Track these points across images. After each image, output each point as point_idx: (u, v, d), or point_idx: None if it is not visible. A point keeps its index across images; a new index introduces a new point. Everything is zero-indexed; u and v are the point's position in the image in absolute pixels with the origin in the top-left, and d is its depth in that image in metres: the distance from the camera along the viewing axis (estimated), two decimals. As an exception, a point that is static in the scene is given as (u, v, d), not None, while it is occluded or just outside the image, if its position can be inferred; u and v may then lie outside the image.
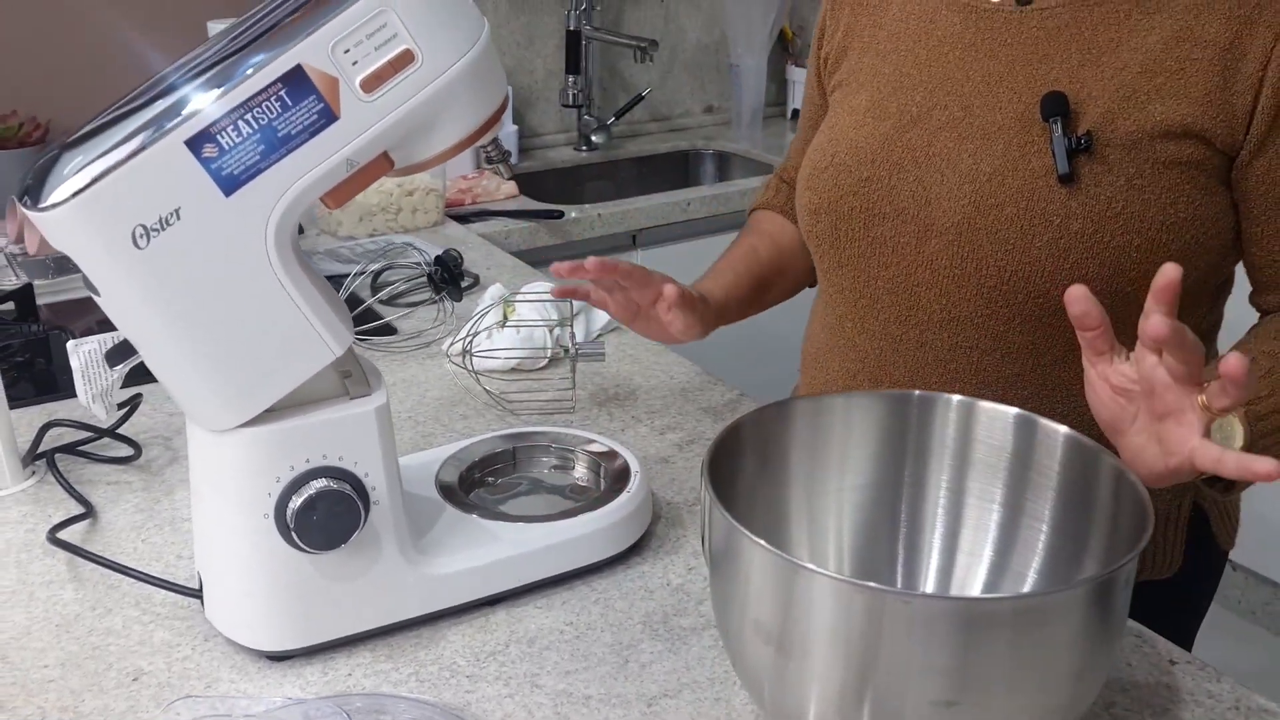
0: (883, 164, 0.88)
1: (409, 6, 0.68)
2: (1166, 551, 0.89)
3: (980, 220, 0.82)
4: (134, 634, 0.79)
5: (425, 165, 0.74)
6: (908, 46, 0.91)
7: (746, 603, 0.61)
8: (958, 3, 0.88)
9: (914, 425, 0.73)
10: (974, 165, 0.83)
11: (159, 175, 0.64)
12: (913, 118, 0.88)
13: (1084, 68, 0.81)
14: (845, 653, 0.57)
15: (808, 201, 0.95)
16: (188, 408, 0.73)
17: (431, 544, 0.81)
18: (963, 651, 0.55)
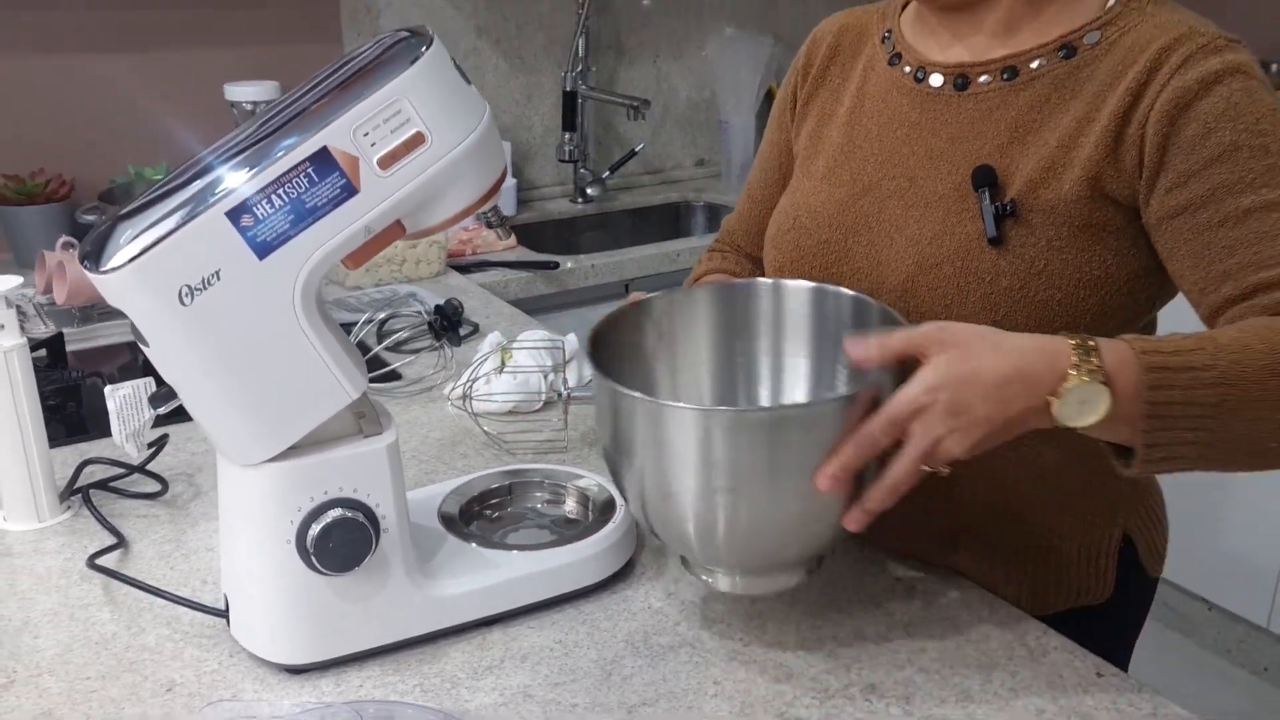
0: (838, 228, 0.98)
1: (421, 95, 0.78)
2: (1098, 578, 0.98)
3: (922, 279, 0.92)
4: (166, 650, 0.87)
5: (433, 230, 0.84)
6: (862, 121, 1.01)
7: (605, 423, 0.83)
8: (905, 86, 0.98)
9: (739, 309, 0.95)
10: (917, 230, 0.93)
11: (202, 242, 0.74)
12: (865, 186, 0.98)
13: (1012, 144, 0.91)
14: (655, 453, 0.78)
15: (773, 259, 1.05)
16: (220, 444, 0.82)
17: (435, 569, 0.90)
18: (733, 450, 0.75)
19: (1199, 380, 0.74)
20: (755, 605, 0.93)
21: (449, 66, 0.81)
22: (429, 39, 0.80)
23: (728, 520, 0.78)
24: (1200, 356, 0.75)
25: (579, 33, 2.28)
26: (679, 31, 2.48)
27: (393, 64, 0.78)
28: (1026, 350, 0.75)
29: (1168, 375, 0.74)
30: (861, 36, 1.05)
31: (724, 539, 0.79)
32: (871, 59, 1.03)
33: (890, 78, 1.00)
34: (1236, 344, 0.76)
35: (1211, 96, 0.83)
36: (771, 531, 0.79)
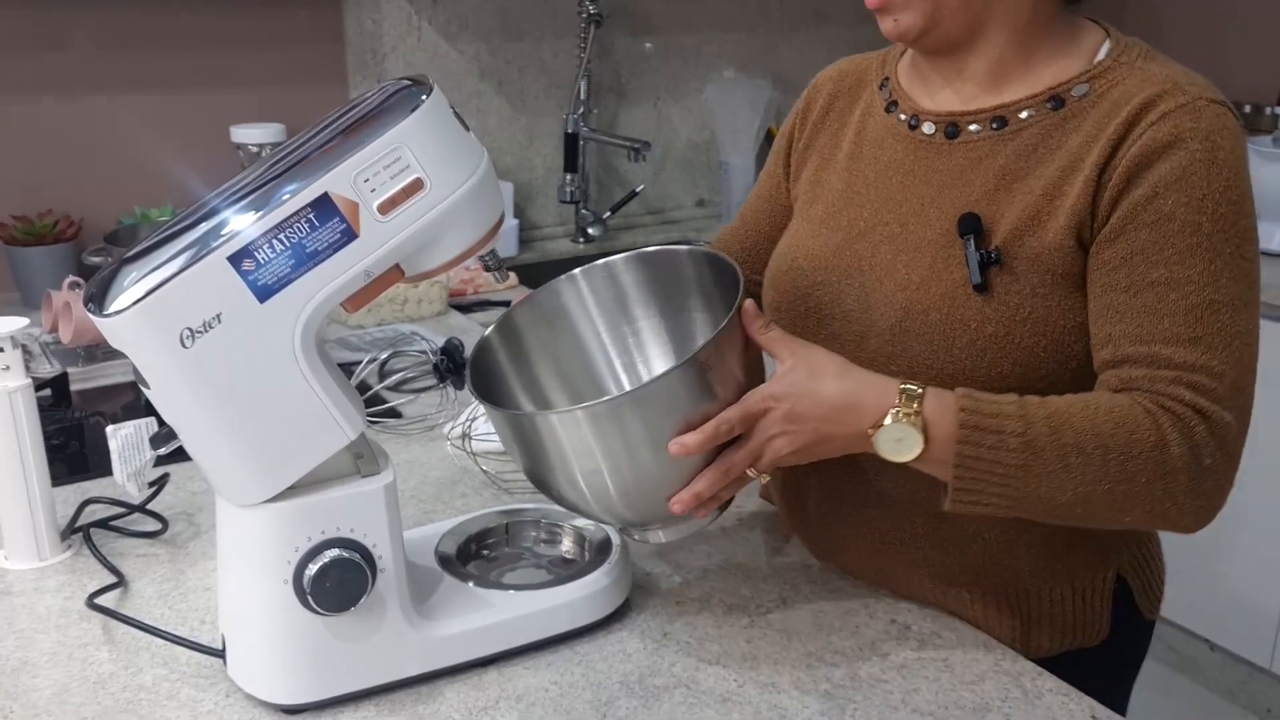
0: (833, 270, 1.00)
1: (420, 142, 0.80)
2: (1093, 620, 0.98)
3: (910, 324, 0.93)
4: (163, 690, 0.88)
5: (431, 274, 0.85)
6: (859, 167, 1.02)
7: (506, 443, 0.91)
8: (900, 133, 1.00)
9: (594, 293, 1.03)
10: (907, 275, 0.95)
11: (205, 286, 0.75)
12: (860, 231, 0.99)
13: (998, 191, 0.92)
14: (530, 451, 0.88)
15: (771, 299, 1.06)
16: (218, 484, 0.83)
17: (431, 609, 0.90)
18: (592, 438, 0.84)
19: (1004, 444, 0.82)
20: (750, 645, 0.94)
21: (448, 114, 0.82)
22: (429, 88, 0.82)
23: (619, 491, 0.87)
24: (1013, 422, 0.82)
25: (580, 76, 2.31)
26: (679, 74, 2.52)
27: (393, 112, 0.80)
28: (863, 384, 0.86)
29: (977, 434, 0.82)
30: (860, 82, 1.07)
31: (623, 507, 0.89)
32: (870, 105, 1.04)
33: (886, 124, 1.02)
34: (1060, 415, 0.83)
35: (1169, 160, 0.84)
36: (657, 492, 0.88)
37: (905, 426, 0.83)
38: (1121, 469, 0.82)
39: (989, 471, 0.83)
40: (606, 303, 1.03)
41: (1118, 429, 0.82)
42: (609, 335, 1.04)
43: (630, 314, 1.04)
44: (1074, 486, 0.82)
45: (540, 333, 1.02)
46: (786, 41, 2.61)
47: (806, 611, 0.99)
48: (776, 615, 0.98)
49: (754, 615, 0.98)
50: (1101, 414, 0.83)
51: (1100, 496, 0.83)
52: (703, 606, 0.99)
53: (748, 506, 1.18)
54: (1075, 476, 0.82)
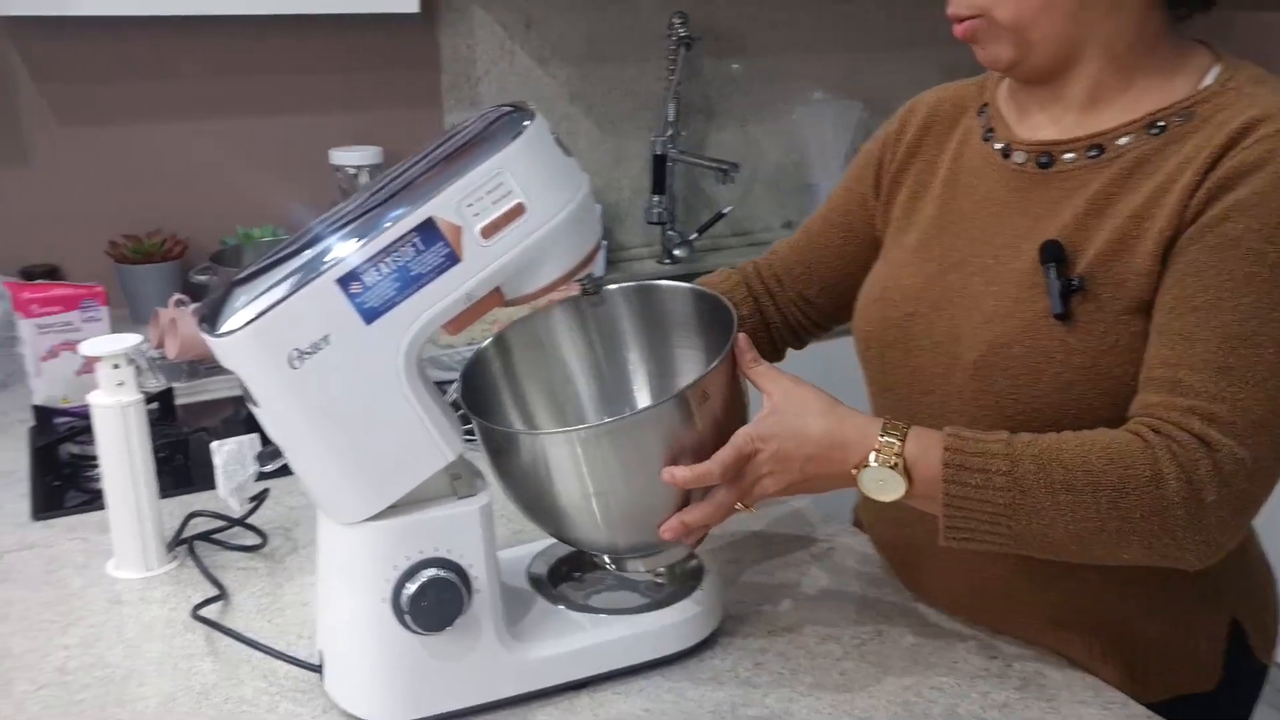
0: (924, 302, 0.98)
1: (522, 168, 0.81)
2: (1202, 665, 0.94)
3: (994, 358, 0.90)
4: (263, 703, 0.89)
5: (530, 298, 0.86)
6: (955, 196, 1.00)
7: (494, 455, 0.91)
8: (995, 162, 0.97)
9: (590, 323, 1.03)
10: (993, 307, 0.92)
11: (313, 308, 0.77)
12: (953, 262, 0.97)
13: (1089, 217, 0.89)
14: (534, 473, 0.88)
15: (859, 328, 1.05)
16: (321, 502, 0.85)
17: (524, 631, 0.91)
18: (591, 460, 0.85)
19: (990, 482, 0.82)
20: (844, 678, 0.92)
21: (549, 140, 0.83)
22: (531, 114, 0.83)
23: (602, 515, 0.88)
24: (998, 461, 0.82)
25: (670, 98, 2.32)
26: (767, 96, 2.51)
27: (496, 138, 0.81)
28: (847, 423, 0.87)
29: (962, 473, 0.83)
30: (959, 108, 1.05)
31: (606, 531, 0.90)
32: (968, 132, 1.03)
33: (982, 153, 1.00)
34: (1049, 452, 0.82)
35: (1250, 183, 0.81)
36: (642, 518, 0.89)
37: (886, 469, 0.84)
38: (1114, 506, 0.80)
39: (978, 510, 0.82)
40: (599, 330, 1.04)
41: (1110, 465, 0.80)
42: (598, 362, 1.05)
43: (620, 343, 1.04)
44: (1066, 524, 0.81)
45: (531, 354, 1.04)
46: (876, 64, 2.59)
47: (902, 644, 0.97)
48: (871, 647, 0.96)
49: (847, 646, 0.97)
50: (1095, 450, 0.81)
51: (1094, 534, 0.81)
52: (795, 636, 0.98)
53: (840, 537, 1.16)
54: (1066, 514, 0.81)
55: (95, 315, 1.50)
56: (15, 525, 1.20)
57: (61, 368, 1.49)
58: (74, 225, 1.94)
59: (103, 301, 1.50)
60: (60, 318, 1.47)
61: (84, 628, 1.00)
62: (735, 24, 2.43)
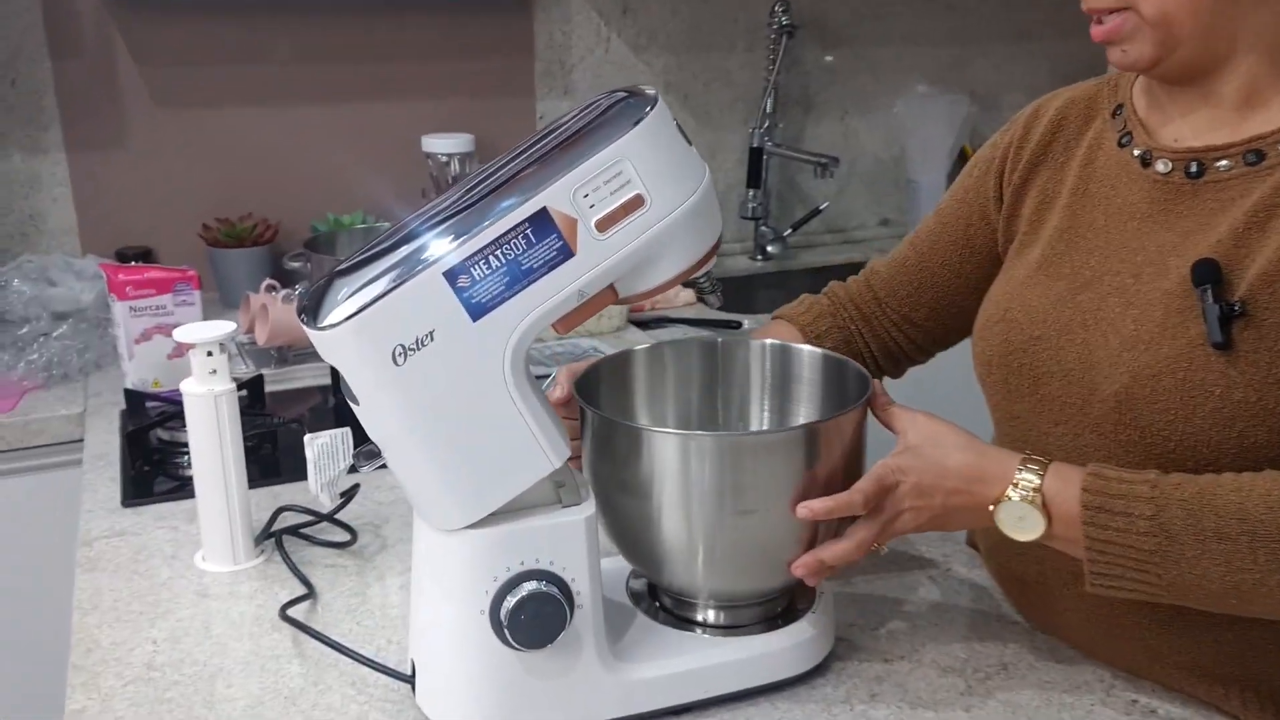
0: (1052, 324, 0.89)
1: (643, 156, 0.75)
2: None
3: (1139, 390, 0.82)
4: (351, 712, 0.86)
5: (646, 296, 0.80)
6: (1087, 208, 0.91)
7: (613, 469, 0.85)
8: (1133, 171, 0.89)
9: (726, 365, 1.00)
10: (1134, 331, 0.84)
11: (419, 302, 0.72)
12: (1085, 281, 0.89)
13: (1249, 232, 0.80)
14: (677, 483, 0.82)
15: (980, 351, 0.97)
16: (420, 507, 0.80)
17: (625, 650, 0.85)
18: (745, 473, 0.81)
19: (1134, 526, 0.76)
20: (970, 716, 0.85)
21: (672, 127, 0.78)
22: (653, 99, 0.77)
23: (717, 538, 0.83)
24: (1142, 505, 0.76)
25: (768, 89, 2.25)
26: (869, 88, 2.42)
27: (615, 124, 0.76)
28: (986, 456, 0.82)
29: (1103, 515, 0.77)
30: (1090, 111, 0.96)
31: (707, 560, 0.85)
32: (1100, 136, 0.94)
33: (1119, 160, 0.91)
34: (1202, 497, 0.75)
35: None
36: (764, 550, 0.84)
37: (1026, 505, 0.79)
38: (1275, 559, 0.72)
39: (1123, 556, 0.77)
40: (725, 372, 1.00)
41: (1271, 513, 0.73)
42: (717, 403, 1.01)
43: (744, 392, 1.00)
44: (1220, 575, 0.75)
45: (653, 376, 1.00)
46: (984, 56, 2.48)
47: (1031, 682, 0.89)
48: (997, 683, 0.89)
49: (971, 681, 0.89)
50: (1254, 497, 0.74)
51: (1253, 588, 0.74)
52: (914, 666, 0.91)
53: (956, 557, 1.09)
54: (1220, 565, 0.75)
55: (188, 299, 1.48)
56: (106, 511, 1.18)
57: (154, 351, 1.48)
58: (168, 207, 1.95)
59: (196, 285, 1.49)
60: (153, 300, 1.46)
61: (171, 621, 0.98)
62: (838, 13, 2.35)
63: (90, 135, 1.87)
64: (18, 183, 1.85)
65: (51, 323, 1.65)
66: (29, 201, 1.87)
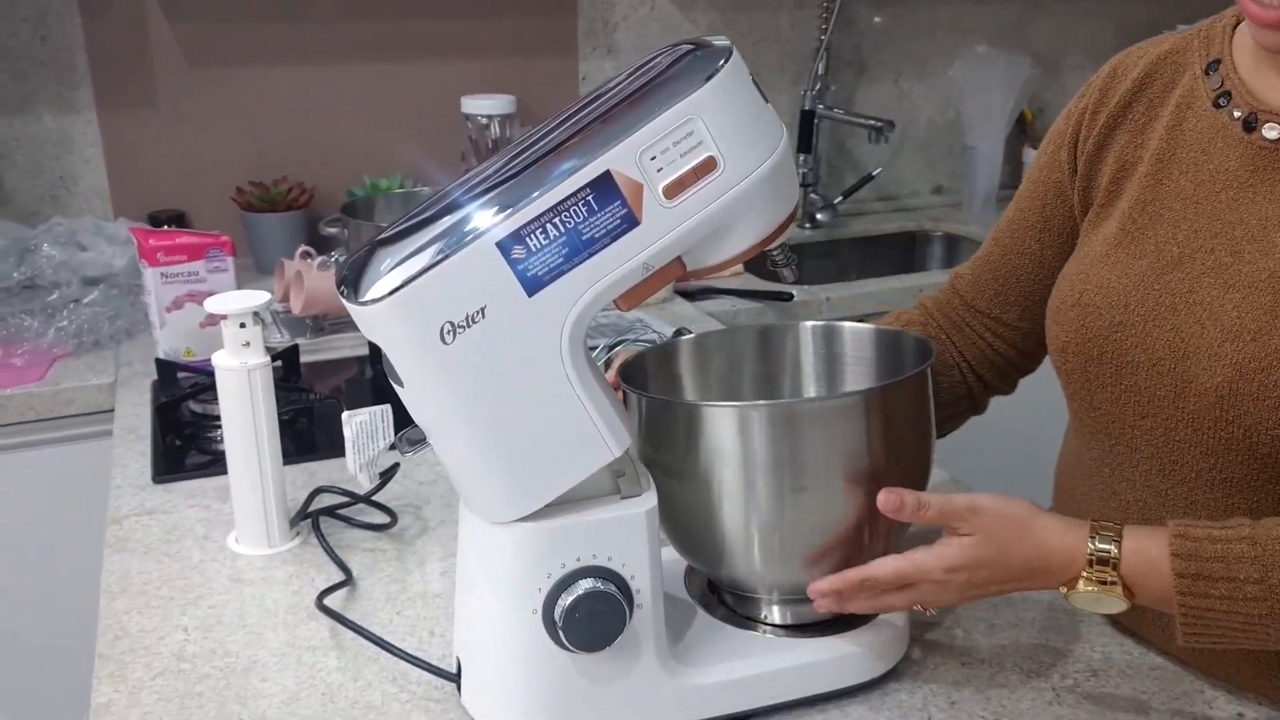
0: (1137, 309, 0.82)
1: (716, 115, 0.68)
2: None
3: (1244, 385, 0.75)
4: (393, 711, 0.80)
5: (716, 269, 0.73)
6: (1173, 175, 0.83)
7: (663, 454, 0.79)
8: (1232, 135, 0.80)
9: (773, 350, 0.95)
10: (1238, 319, 0.76)
11: (469, 275, 0.66)
12: (1173, 259, 0.81)
13: None
14: (733, 460, 0.76)
15: (1055, 336, 0.89)
16: (469, 497, 0.74)
17: (685, 652, 0.79)
18: (804, 445, 0.76)
19: (1239, 592, 0.70)
20: (1059, 729, 0.78)
21: (748, 82, 0.70)
22: (727, 50, 0.70)
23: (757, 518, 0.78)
24: (1246, 568, 0.69)
25: (821, 51, 2.16)
26: (925, 49, 2.32)
27: (685, 79, 0.69)
28: (1049, 547, 0.74)
29: (1202, 583, 0.71)
30: (1178, 67, 0.87)
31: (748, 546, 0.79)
32: (1190, 95, 0.85)
33: (1214, 122, 0.82)
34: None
35: None
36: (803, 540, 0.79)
37: (1100, 594, 0.73)
38: None
39: (1225, 620, 0.71)
40: (780, 359, 0.95)
41: None
42: (763, 387, 0.95)
43: (799, 379, 0.95)
44: None
45: (706, 364, 0.95)
46: (1047, 15, 2.37)
47: (1125, 691, 0.82)
48: (1087, 690, 0.82)
49: (1059, 688, 0.83)
50: None
51: None
52: (995, 671, 0.84)
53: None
54: None
55: (221, 265, 1.43)
56: (136, 488, 1.14)
57: (186, 319, 1.43)
58: (201, 170, 1.89)
59: (229, 251, 1.44)
60: (185, 267, 1.41)
61: (203, 608, 0.93)
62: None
63: (122, 95, 1.82)
64: (49, 143, 1.80)
65: (82, 288, 1.60)
66: (60, 163, 1.82)
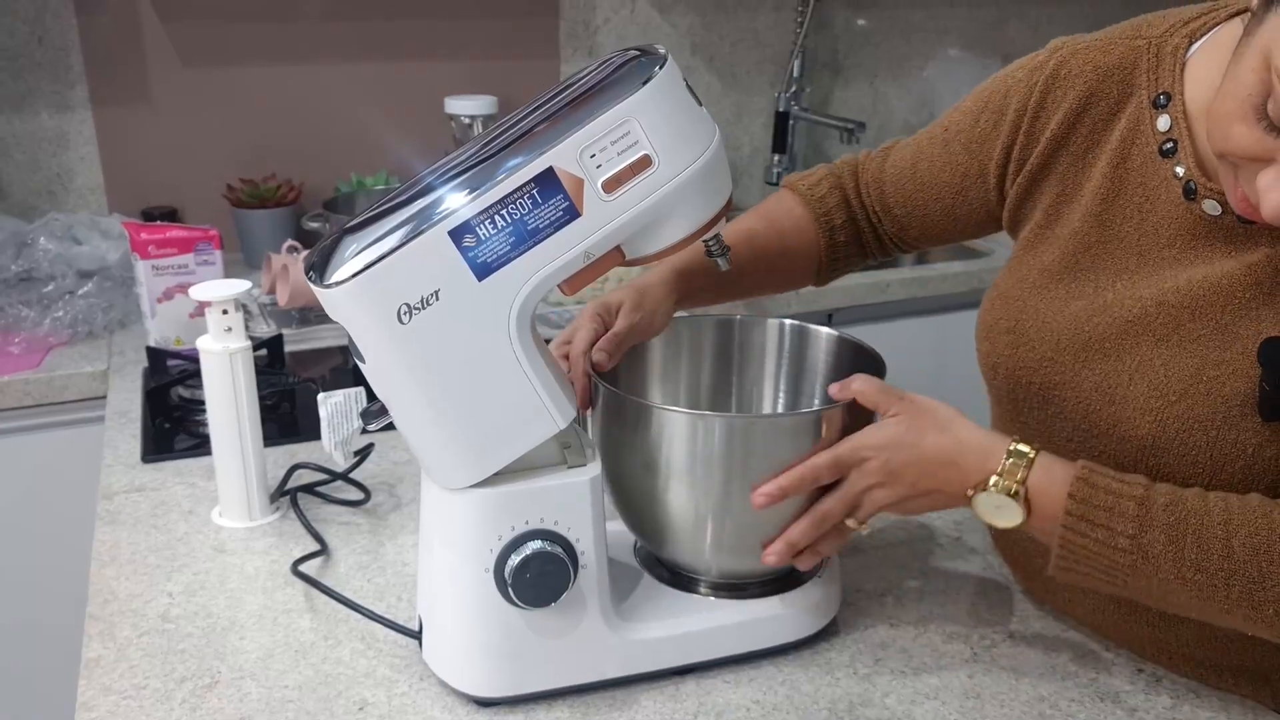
0: (1067, 348, 0.83)
1: (650, 117, 0.74)
2: None
3: (1167, 442, 0.78)
4: (360, 666, 0.87)
5: (653, 258, 0.80)
6: (1116, 220, 0.82)
7: (621, 444, 0.86)
8: (1172, 195, 0.79)
9: (739, 343, 1.01)
10: (1164, 377, 0.78)
11: (425, 261, 0.72)
12: (1108, 304, 0.82)
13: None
14: (684, 462, 0.83)
15: (985, 353, 0.91)
16: (426, 465, 0.81)
17: (630, 610, 0.86)
18: (753, 456, 0.81)
19: (1113, 541, 0.73)
20: (973, 681, 0.85)
21: (681, 87, 0.77)
22: (661, 58, 0.76)
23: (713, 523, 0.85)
24: (1126, 522, 0.73)
25: (796, 52, 2.22)
26: (900, 51, 2.39)
27: (623, 84, 0.75)
28: (966, 441, 0.78)
29: (1083, 524, 0.74)
30: (1126, 86, 0.82)
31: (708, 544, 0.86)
32: (1134, 129, 0.81)
33: (1158, 171, 0.79)
34: (1186, 524, 0.72)
35: None
36: (750, 536, 0.84)
37: (1004, 497, 0.76)
38: (1247, 597, 0.71)
39: (1093, 561, 0.75)
40: (741, 352, 1.01)
41: (1253, 555, 0.70)
42: (732, 382, 1.02)
43: (759, 373, 1.01)
44: (1187, 598, 0.73)
45: (666, 354, 1.01)
46: (1019, 18, 2.43)
47: (1037, 650, 0.89)
48: (1003, 650, 0.89)
49: (976, 648, 0.89)
50: (1240, 534, 0.71)
51: (1216, 614, 0.73)
52: (919, 632, 0.91)
53: (970, 524, 1.08)
54: (1190, 591, 0.73)
55: (209, 259, 1.49)
56: (126, 467, 1.20)
57: (175, 310, 1.49)
58: (193, 167, 1.96)
59: (217, 245, 1.50)
60: (175, 260, 1.48)
61: (187, 575, 0.99)
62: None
63: (116, 93, 1.88)
64: (46, 140, 1.87)
65: (77, 280, 1.67)
66: (57, 159, 1.88)
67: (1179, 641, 0.86)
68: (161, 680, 0.85)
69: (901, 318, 1.96)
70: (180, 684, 0.84)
